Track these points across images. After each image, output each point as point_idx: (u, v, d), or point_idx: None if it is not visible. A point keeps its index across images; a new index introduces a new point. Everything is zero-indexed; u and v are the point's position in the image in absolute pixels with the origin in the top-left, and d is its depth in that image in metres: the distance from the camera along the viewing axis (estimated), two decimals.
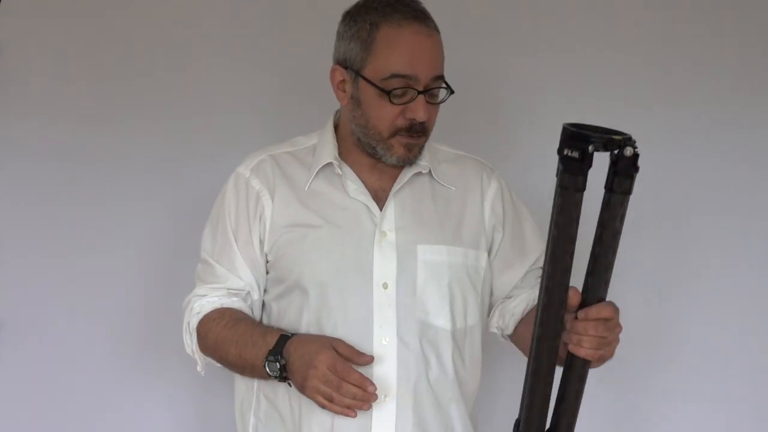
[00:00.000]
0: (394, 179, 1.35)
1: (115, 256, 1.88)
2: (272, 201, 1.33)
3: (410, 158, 1.31)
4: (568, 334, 1.08)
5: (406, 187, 1.35)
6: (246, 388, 1.38)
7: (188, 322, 1.35)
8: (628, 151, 0.96)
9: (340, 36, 1.31)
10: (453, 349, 1.32)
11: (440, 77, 1.28)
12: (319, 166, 1.34)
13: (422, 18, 1.26)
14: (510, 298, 1.42)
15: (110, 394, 1.86)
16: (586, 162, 0.95)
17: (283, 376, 1.22)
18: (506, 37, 1.95)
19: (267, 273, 1.35)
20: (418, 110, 1.25)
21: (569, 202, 0.98)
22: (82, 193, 1.89)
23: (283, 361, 1.21)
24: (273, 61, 1.93)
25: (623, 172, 0.98)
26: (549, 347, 1.08)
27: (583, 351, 1.08)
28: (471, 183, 1.40)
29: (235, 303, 1.34)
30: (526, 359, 1.41)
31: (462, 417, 1.34)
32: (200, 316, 1.34)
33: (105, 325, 1.87)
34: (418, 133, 1.28)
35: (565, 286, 1.04)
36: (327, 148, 1.35)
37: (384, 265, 1.28)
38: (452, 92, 1.30)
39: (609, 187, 1.00)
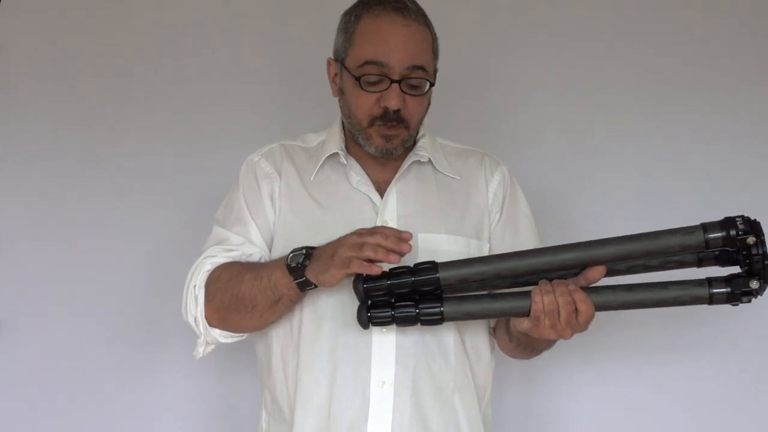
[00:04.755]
0: (396, 171, 1.37)
1: (117, 256, 1.87)
2: (279, 183, 1.36)
3: (389, 149, 1.32)
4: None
5: (409, 177, 1.37)
6: (261, 384, 1.39)
7: (194, 285, 1.31)
8: None
9: (336, 31, 1.36)
10: (455, 338, 1.31)
11: (419, 68, 1.28)
12: (325, 156, 1.37)
13: (402, 9, 1.28)
14: None
15: (113, 394, 1.85)
16: None
17: (304, 264, 1.19)
18: (501, 36, 1.96)
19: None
20: (391, 98, 1.27)
21: None
22: (82, 193, 1.89)
23: (310, 251, 1.20)
24: (278, 60, 1.94)
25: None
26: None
27: (536, 305, 1.15)
28: (476, 173, 1.41)
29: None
30: (533, 357, 1.43)
31: (468, 410, 1.32)
32: (210, 272, 1.31)
33: (106, 324, 1.86)
34: (393, 122, 1.29)
35: None
36: (334, 140, 1.39)
37: None
38: (432, 84, 1.31)
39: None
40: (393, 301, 1.19)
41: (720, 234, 1.14)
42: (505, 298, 1.19)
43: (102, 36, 1.92)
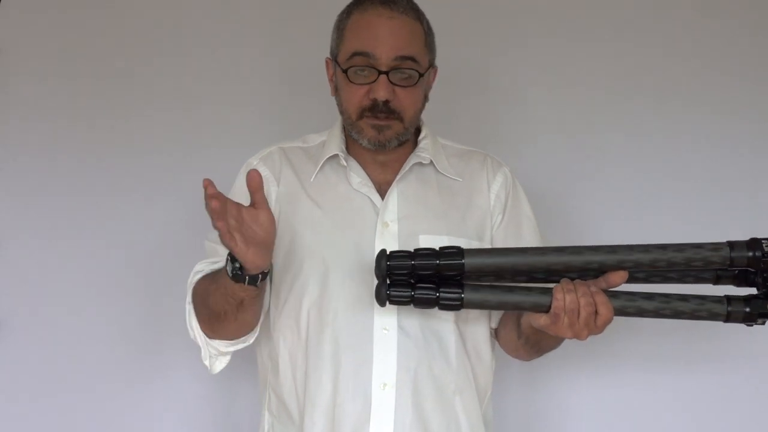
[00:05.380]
0: (397, 172, 1.36)
1: (116, 256, 1.87)
2: (278, 188, 1.36)
3: (381, 140, 1.32)
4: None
5: (410, 178, 1.37)
6: (262, 385, 1.40)
7: (188, 302, 1.33)
8: None
9: (331, 30, 1.37)
10: (456, 339, 1.32)
11: (408, 58, 1.28)
12: (325, 158, 1.37)
13: (389, 2, 1.29)
14: None
15: (113, 395, 1.85)
16: None
17: (236, 266, 1.17)
18: (501, 35, 1.96)
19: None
20: (379, 89, 1.27)
21: None
22: (82, 193, 1.89)
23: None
24: (278, 60, 1.93)
25: None
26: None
27: (557, 303, 1.15)
28: (478, 175, 1.41)
29: None
30: (535, 359, 1.43)
31: (468, 411, 1.32)
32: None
33: (106, 324, 1.86)
34: (382, 113, 1.29)
35: None
36: (334, 141, 1.38)
37: None
38: (422, 75, 1.31)
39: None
40: (413, 282, 1.19)
41: (745, 254, 1.16)
42: (525, 291, 1.19)
43: (102, 36, 1.92)
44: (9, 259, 1.87)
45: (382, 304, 1.19)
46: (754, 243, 1.16)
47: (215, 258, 1.34)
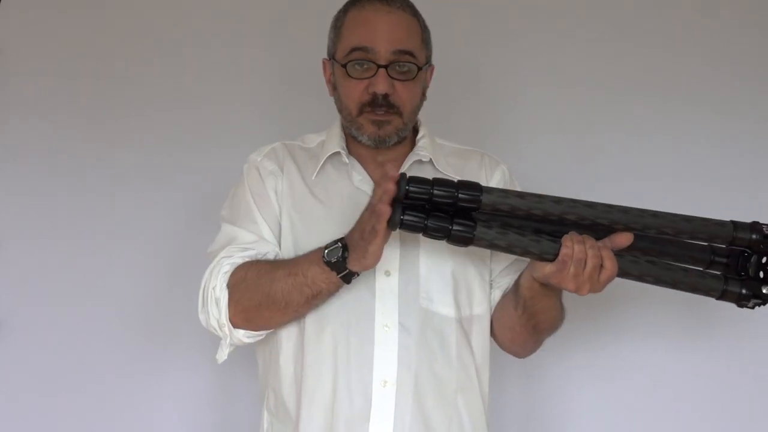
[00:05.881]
0: (396, 171, 1.36)
1: (117, 255, 1.88)
2: (282, 181, 1.36)
3: (381, 136, 1.32)
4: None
5: None
6: (262, 385, 1.39)
7: (213, 288, 1.27)
8: None
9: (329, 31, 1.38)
10: (459, 338, 1.31)
11: (407, 53, 1.29)
12: (327, 155, 1.37)
13: None
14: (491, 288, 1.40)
15: (113, 394, 1.85)
16: None
17: (344, 256, 1.18)
18: (501, 34, 1.96)
19: None
20: (378, 83, 1.28)
21: None
22: (82, 191, 1.89)
23: (344, 242, 1.19)
24: (278, 60, 1.94)
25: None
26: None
27: (566, 250, 1.15)
28: (476, 173, 1.42)
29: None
30: (531, 351, 1.43)
31: (471, 410, 1.31)
32: (229, 273, 1.28)
33: (106, 323, 1.86)
34: (382, 107, 1.29)
35: None
36: (334, 140, 1.39)
37: (386, 253, 1.27)
38: (420, 68, 1.31)
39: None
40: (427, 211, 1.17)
41: (748, 235, 1.19)
42: (534, 238, 1.18)
43: (102, 36, 1.92)
44: (9, 259, 1.87)
45: (393, 228, 1.16)
46: (756, 226, 1.20)
47: (241, 244, 1.31)
